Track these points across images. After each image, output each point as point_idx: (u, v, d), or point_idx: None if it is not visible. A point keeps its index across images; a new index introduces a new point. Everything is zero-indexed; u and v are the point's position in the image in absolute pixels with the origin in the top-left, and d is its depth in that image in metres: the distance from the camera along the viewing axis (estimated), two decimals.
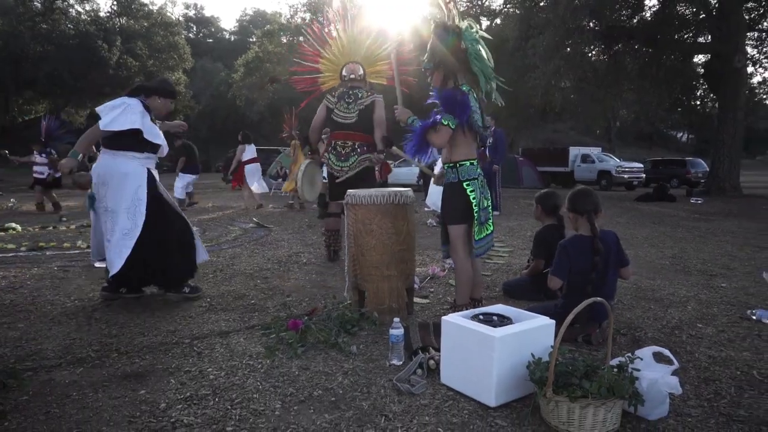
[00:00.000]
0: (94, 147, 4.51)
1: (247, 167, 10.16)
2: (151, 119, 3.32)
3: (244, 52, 29.06)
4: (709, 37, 15.21)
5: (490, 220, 2.84)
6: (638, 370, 1.78)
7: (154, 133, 3.28)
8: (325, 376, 2.20)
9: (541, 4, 14.78)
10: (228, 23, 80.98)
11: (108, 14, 29.23)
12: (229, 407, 1.92)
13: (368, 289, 2.91)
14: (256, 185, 10.27)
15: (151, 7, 29.93)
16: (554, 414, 1.76)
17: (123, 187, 3.14)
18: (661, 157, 30.00)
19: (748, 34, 16.05)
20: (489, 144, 9.34)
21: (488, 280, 4.03)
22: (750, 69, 16.31)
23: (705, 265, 4.74)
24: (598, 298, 1.88)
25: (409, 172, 17.10)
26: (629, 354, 1.88)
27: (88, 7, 28.77)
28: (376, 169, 4.70)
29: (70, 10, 27.69)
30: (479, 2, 31.00)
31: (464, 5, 30.57)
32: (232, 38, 66.84)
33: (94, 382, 2.14)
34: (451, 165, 2.76)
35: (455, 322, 2.07)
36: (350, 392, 2.05)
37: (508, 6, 23.40)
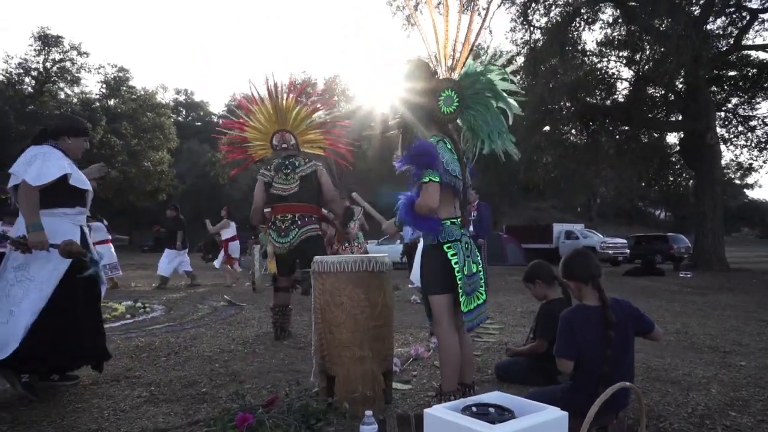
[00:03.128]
0: None
1: (231, 245, 10.16)
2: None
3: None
4: (680, 116, 15.79)
5: (481, 288, 2.44)
6: None
7: (81, 179, 2.88)
8: None
9: (521, 84, 15.30)
10: (216, 107, 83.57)
11: (97, 96, 29.82)
12: None
13: (338, 374, 2.43)
14: (217, 263, 10.32)
15: (141, 92, 30.66)
16: None
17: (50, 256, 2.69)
18: (642, 233, 30.30)
19: (717, 114, 16.76)
20: (473, 218, 9.11)
21: (479, 361, 3.56)
22: (722, 148, 16.83)
23: (714, 341, 4.33)
24: (627, 383, 1.46)
25: (394, 249, 16.77)
26: None
27: (77, 90, 29.40)
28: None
29: (60, 93, 28.21)
30: None
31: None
32: (220, 121, 68.76)
33: None
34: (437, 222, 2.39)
35: (441, 416, 1.61)
36: None
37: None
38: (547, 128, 13.89)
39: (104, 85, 29.05)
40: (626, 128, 15.54)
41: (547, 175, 15.82)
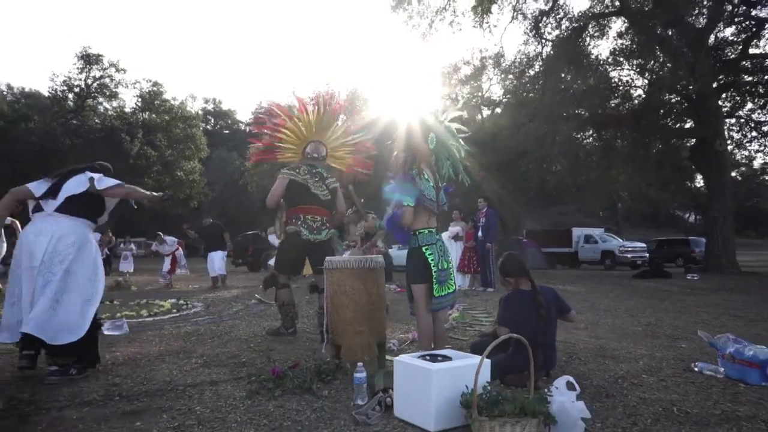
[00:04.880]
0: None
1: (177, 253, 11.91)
2: None
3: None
4: (692, 123, 16.18)
5: (451, 281, 3.25)
6: (551, 395, 2.13)
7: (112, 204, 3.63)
8: (296, 412, 2.54)
9: (531, 95, 15.94)
10: (244, 115, 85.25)
11: (133, 109, 31.53)
12: (208, 430, 2.27)
13: (343, 344, 3.27)
14: None
15: (172, 102, 32.22)
16: (480, 431, 2.08)
17: (86, 253, 3.32)
18: (664, 237, 30.29)
19: (731, 120, 17.08)
20: (482, 224, 9.87)
21: (464, 344, 4.35)
22: (737, 152, 17.10)
23: (675, 331, 5.00)
24: (515, 335, 2.25)
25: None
26: (549, 385, 2.23)
27: (115, 104, 31.20)
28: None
29: (99, 107, 30.01)
30: (480, 93, 33.00)
31: (466, 95, 32.55)
32: (247, 129, 69.93)
33: (98, 418, 2.49)
34: (412, 233, 3.23)
35: (404, 360, 2.44)
36: (315, 424, 2.38)
37: (507, 96, 24.97)
38: (557, 137, 14.46)
39: (139, 99, 30.75)
40: (638, 135, 15.98)
41: (560, 182, 16.38)
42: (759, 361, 3.01)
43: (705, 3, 13.53)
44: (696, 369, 3.31)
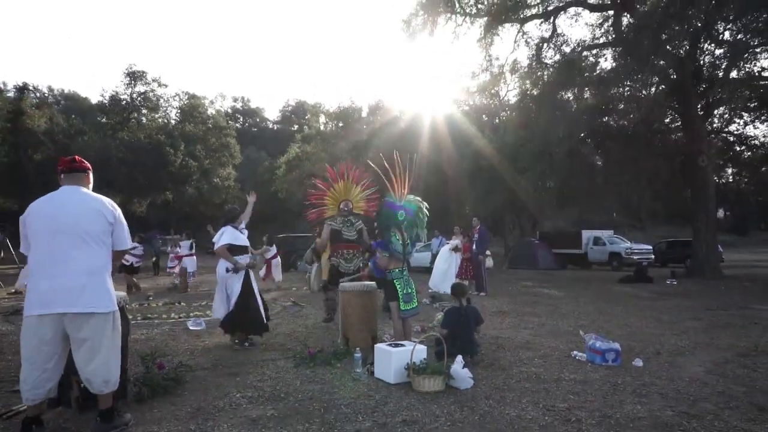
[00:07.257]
0: None
1: (273, 261, 13.70)
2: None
3: (287, 141, 33.31)
4: (683, 140, 17.66)
5: (413, 300, 5.24)
6: (452, 365, 4.13)
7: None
8: (321, 373, 4.61)
9: (531, 116, 17.69)
10: (272, 113, 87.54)
11: (169, 120, 34.32)
12: (276, 382, 4.36)
13: (350, 337, 5.33)
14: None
15: (206, 107, 34.81)
16: (414, 383, 4.10)
17: None
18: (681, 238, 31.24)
19: (723, 134, 18.47)
20: (475, 239, 11.79)
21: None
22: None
23: (596, 332, 6.85)
24: (444, 331, 4.25)
25: (424, 257, 19.34)
26: (453, 360, 4.24)
27: (156, 115, 34.02)
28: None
29: (142, 119, 32.87)
30: (497, 100, 34.41)
31: (485, 100, 33.89)
32: (276, 127, 71.60)
33: (215, 375, 4.61)
34: (388, 271, 5.25)
35: (380, 347, 4.48)
36: (332, 379, 4.45)
37: (523, 103, 26.42)
38: (551, 156, 16.18)
39: (179, 112, 33.55)
40: (630, 152, 17.54)
41: (558, 192, 18.08)
42: (601, 350, 4.95)
43: (683, 30, 15.03)
44: (572, 355, 5.25)
